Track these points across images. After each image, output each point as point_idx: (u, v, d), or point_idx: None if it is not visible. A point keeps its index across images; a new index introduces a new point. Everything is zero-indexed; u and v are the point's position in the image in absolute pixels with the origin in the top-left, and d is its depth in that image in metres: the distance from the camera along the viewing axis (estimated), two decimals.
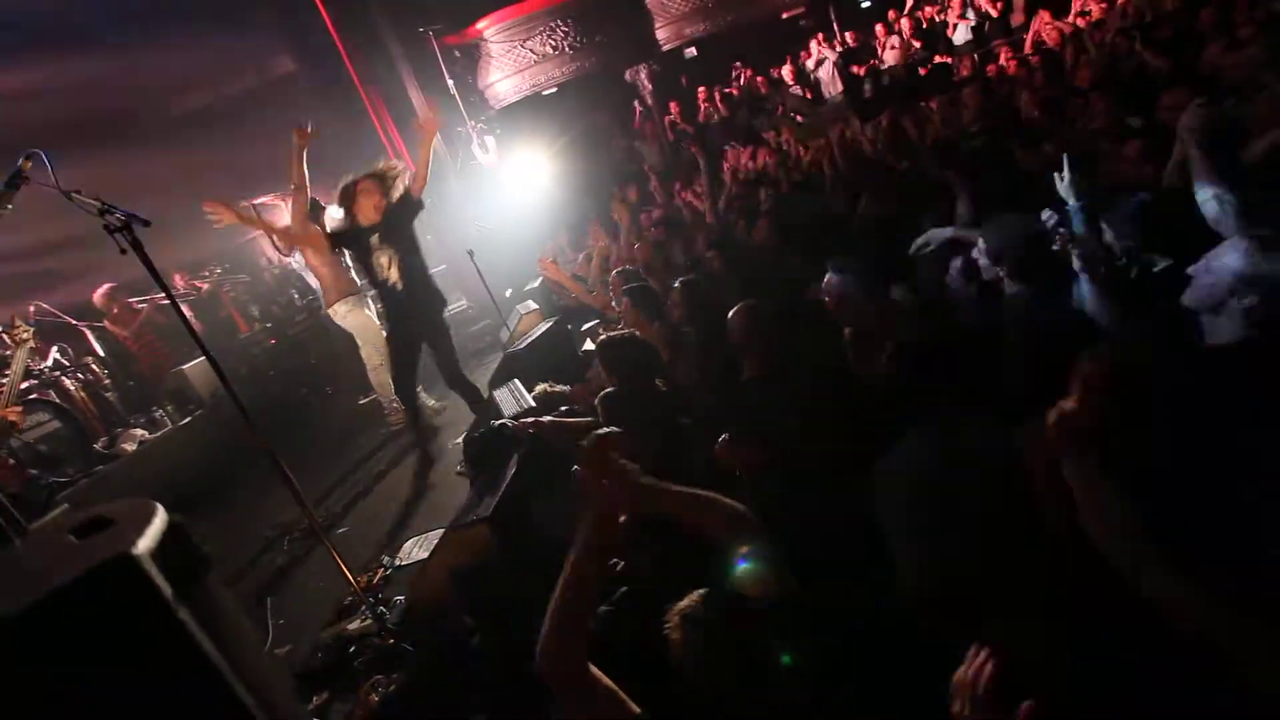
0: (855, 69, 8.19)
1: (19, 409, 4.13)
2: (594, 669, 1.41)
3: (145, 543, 0.87)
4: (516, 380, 4.18)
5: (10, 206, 2.69)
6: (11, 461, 3.85)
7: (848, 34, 9.99)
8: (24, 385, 4.31)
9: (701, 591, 1.42)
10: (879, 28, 9.43)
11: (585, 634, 1.45)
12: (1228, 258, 1.80)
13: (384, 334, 5.48)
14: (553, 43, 10.33)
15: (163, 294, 2.88)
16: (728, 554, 1.43)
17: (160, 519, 0.97)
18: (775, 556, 1.38)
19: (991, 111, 4.37)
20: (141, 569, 0.83)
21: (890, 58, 8.74)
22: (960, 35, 8.44)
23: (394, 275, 4.73)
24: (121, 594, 0.83)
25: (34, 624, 0.78)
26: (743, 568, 1.39)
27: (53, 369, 5.67)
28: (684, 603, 1.40)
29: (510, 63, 10.38)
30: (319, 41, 9.36)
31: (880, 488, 1.55)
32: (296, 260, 9.07)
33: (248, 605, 3.87)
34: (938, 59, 7.41)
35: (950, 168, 3.37)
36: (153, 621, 0.84)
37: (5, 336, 4.22)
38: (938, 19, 8.88)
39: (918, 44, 8.75)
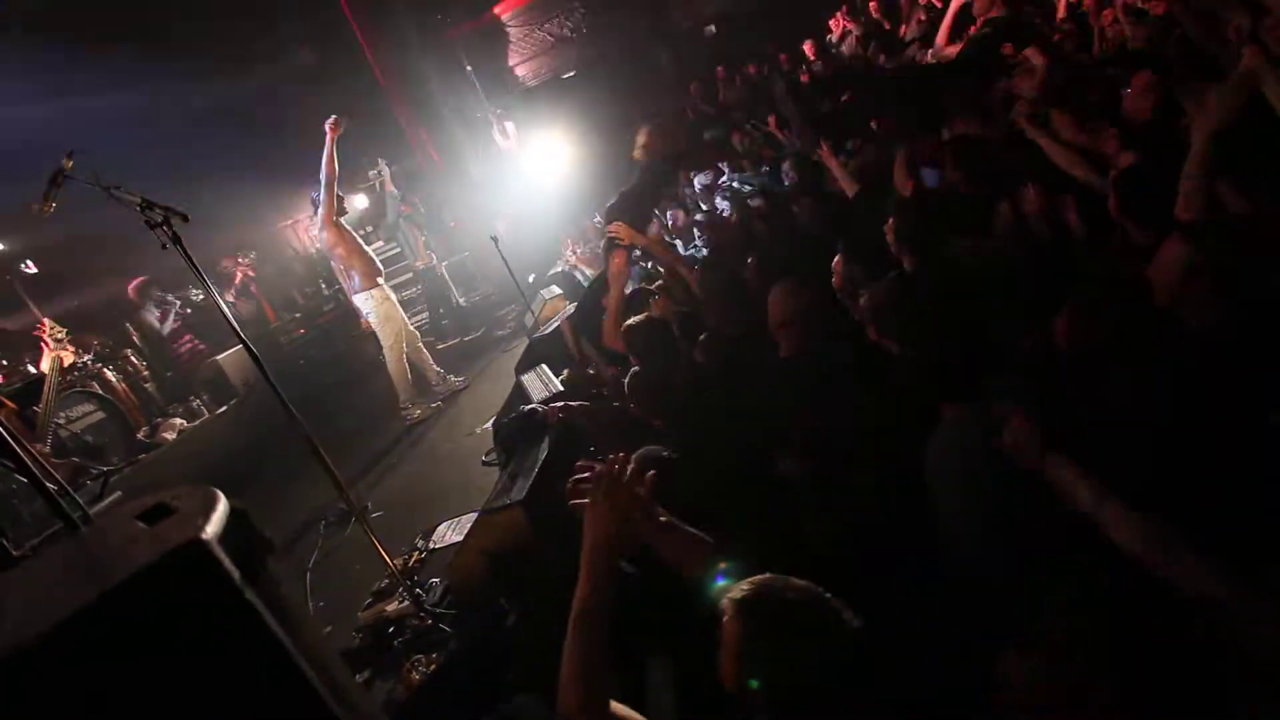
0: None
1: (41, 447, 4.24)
2: (616, 706, 1.41)
3: (213, 528, 0.90)
4: (544, 365, 4.22)
5: (54, 205, 2.76)
6: (58, 460, 3.98)
7: (871, 4, 9.72)
8: (62, 381, 4.43)
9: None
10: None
11: (604, 674, 1.42)
12: None
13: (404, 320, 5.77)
14: (570, 25, 10.25)
15: (200, 290, 2.94)
16: (707, 571, 1.44)
17: (223, 505, 1.00)
18: (750, 574, 1.33)
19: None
20: (212, 553, 0.86)
21: (913, 31, 8.50)
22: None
23: None
24: (194, 578, 0.86)
25: (115, 608, 0.81)
26: (720, 584, 1.41)
27: (95, 360, 5.84)
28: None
29: (528, 47, 10.33)
30: (339, 30, 9.40)
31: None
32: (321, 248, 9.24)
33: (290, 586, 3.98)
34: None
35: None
36: (223, 604, 0.88)
37: (44, 339, 4.32)
38: None
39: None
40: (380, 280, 5.78)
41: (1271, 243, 1.83)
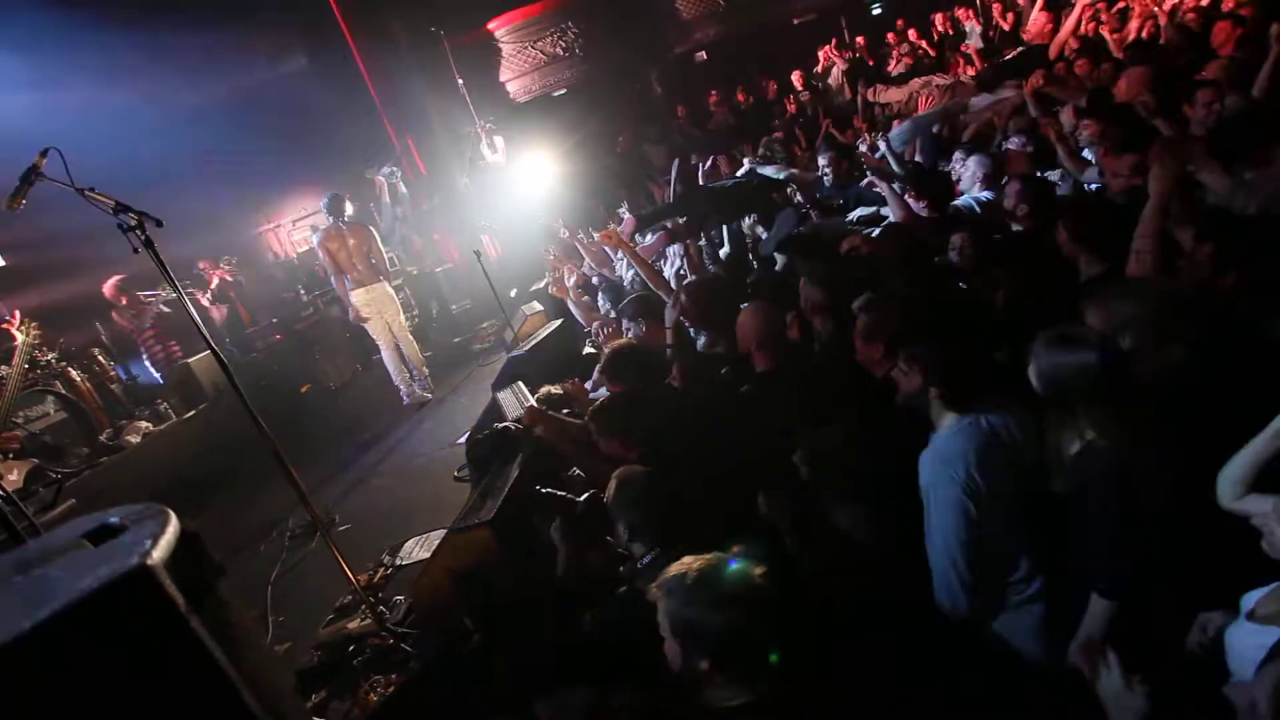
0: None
1: (16, 435, 4.13)
2: None
3: (160, 552, 0.88)
4: (520, 383, 4.20)
5: (25, 202, 2.71)
6: (14, 462, 3.85)
7: (859, 39, 9.97)
8: (24, 379, 4.31)
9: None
10: (890, 36, 9.43)
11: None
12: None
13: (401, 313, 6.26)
14: (563, 44, 10.36)
15: (173, 289, 2.89)
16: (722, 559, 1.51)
17: (173, 527, 0.97)
18: (762, 559, 1.47)
19: None
20: (158, 580, 0.84)
21: (901, 67, 8.74)
22: (972, 41, 8.43)
23: None
24: (137, 605, 0.84)
25: (51, 637, 0.79)
26: (734, 567, 1.48)
27: (58, 359, 5.69)
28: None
29: (520, 63, 10.42)
30: (330, 38, 9.40)
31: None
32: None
33: (250, 600, 3.89)
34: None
35: None
36: (167, 633, 0.85)
37: (12, 331, 4.22)
38: (948, 31, 8.86)
39: (933, 53, 8.74)
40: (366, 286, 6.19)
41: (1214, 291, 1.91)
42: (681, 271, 4.35)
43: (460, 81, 9.33)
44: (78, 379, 5.71)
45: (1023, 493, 1.86)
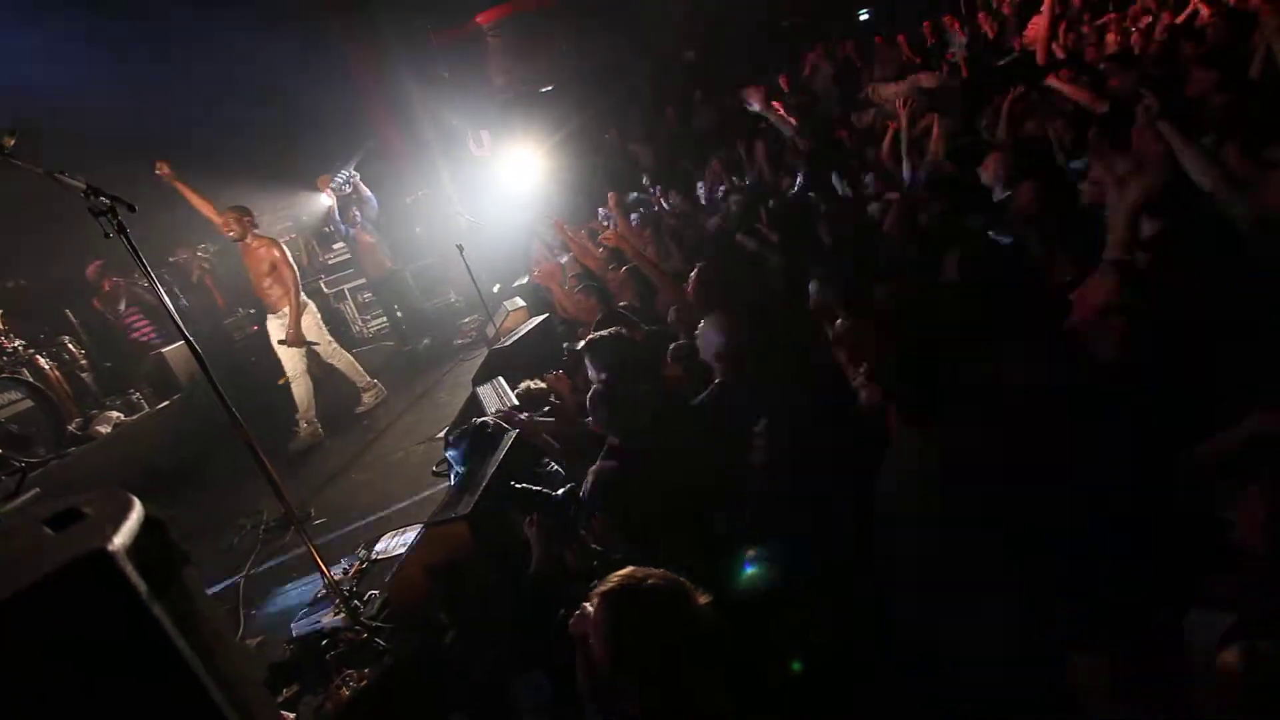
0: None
1: None
2: None
3: (121, 538, 0.86)
4: (500, 378, 4.18)
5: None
6: None
7: (847, 44, 10.05)
8: None
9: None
10: (877, 39, 9.51)
11: None
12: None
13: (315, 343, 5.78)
14: (551, 40, 10.33)
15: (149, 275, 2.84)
16: (735, 559, 1.51)
17: (137, 513, 0.96)
18: (777, 562, 1.44)
19: None
20: (118, 565, 0.83)
21: (887, 73, 8.82)
22: (956, 49, 8.53)
23: None
24: (97, 590, 0.82)
25: (8, 620, 0.77)
26: (750, 572, 1.49)
27: (26, 346, 5.56)
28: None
29: (508, 58, 10.36)
30: (316, 28, 9.27)
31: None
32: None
33: (221, 593, 3.84)
34: None
35: None
36: (127, 619, 0.84)
37: None
38: (933, 39, 8.95)
39: (918, 59, 8.82)
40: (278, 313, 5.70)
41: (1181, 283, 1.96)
42: None
43: (446, 75, 9.27)
44: (46, 367, 5.59)
45: (995, 506, 1.89)
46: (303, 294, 5.68)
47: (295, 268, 5.59)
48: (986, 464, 1.89)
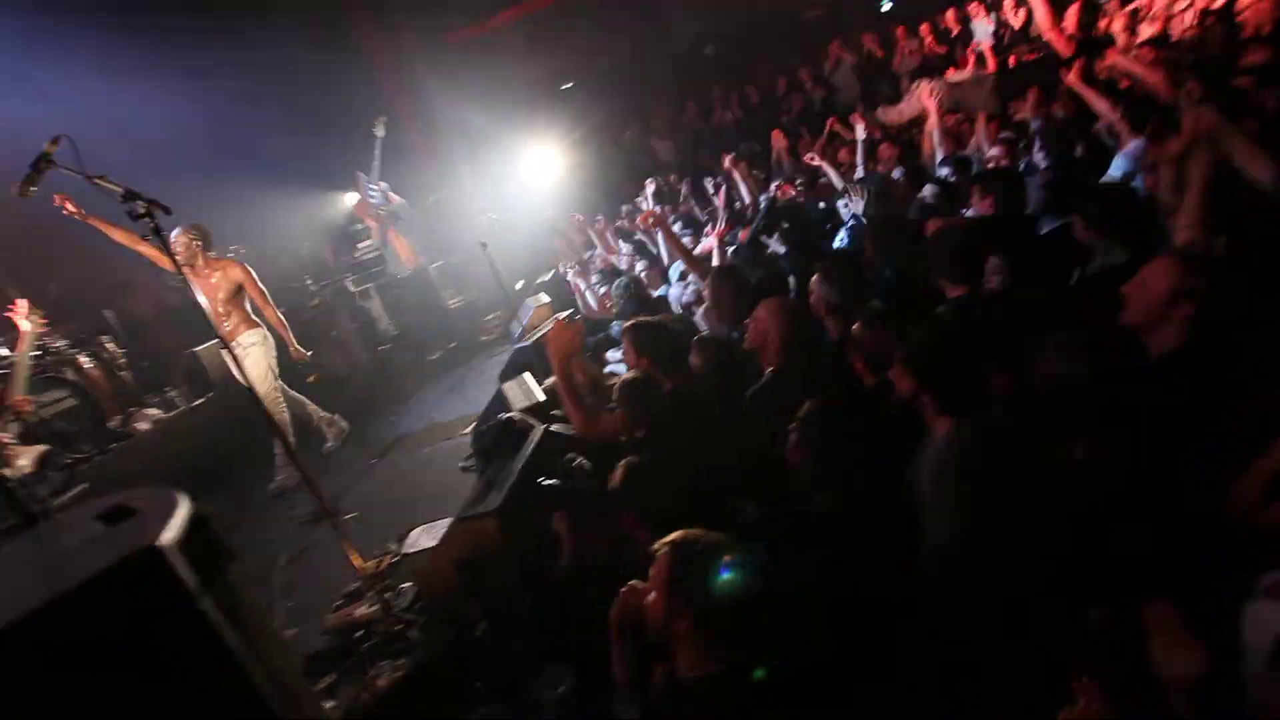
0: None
1: (29, 399, 4.17)
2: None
3: (171, 534, 0.89)
4: (527, 374, 4.21)
5: (35, 188, 2.73)
6: (25, 446, 3.88)
7: (866, 36, 9.90)
8: (34, 365, 4.35)
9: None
10: (899, 31, 9.35)
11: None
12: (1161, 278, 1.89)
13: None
14: (571, 36, 10.34)
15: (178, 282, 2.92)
16: (712, 564, 1.55)
17: (184, 509, 0.99)
18: (752, 568, 1.53)
19: None
20: (168, 561, 0.86)
21: (909, 64, 8.67)
22: (981, 36, 8.34)
23: None
24: (148, 585, 0.85)
25: (66, 613, 0.80)
26: (725, 576, 1.53)
27: (69, 346, 5.74)
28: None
29: (528, 55, 10.40)
30: (337, 29, 9.39)
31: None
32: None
33: (257, 587, 3.93)
34: None
35: None
36: (177, 612, 0.87)
37: (15, 317, 4.25)
38: (954, 29, 8.76)
39: (940, 49, 8.66)
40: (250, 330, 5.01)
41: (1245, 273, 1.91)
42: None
43: (468, 74, 9.32)
44: (88, 366, 5.76)
45: (1027, 495, 1.86)
46: (259, 328, 5.00)
47: (261, 286, 4.95)
48: (1025, 456, 1.87)
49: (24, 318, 4.16)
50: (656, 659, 1.64)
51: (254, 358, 4.88)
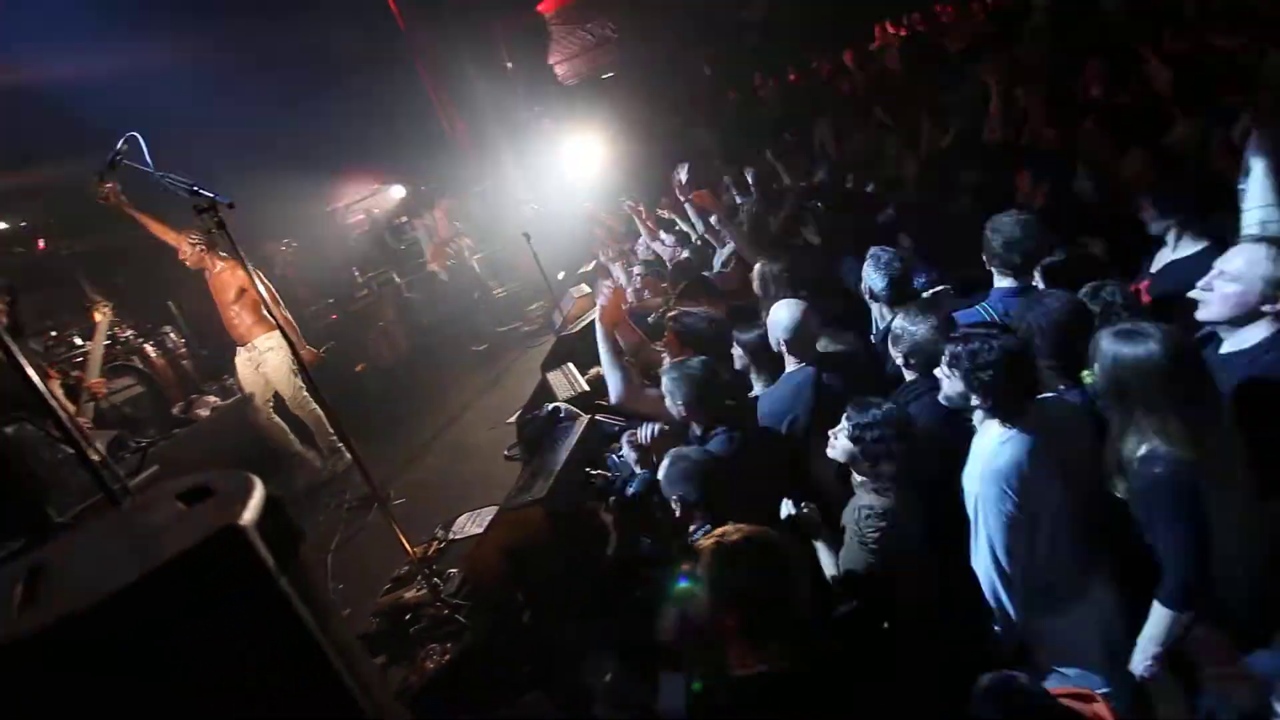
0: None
1: (102, 380, 4.40)
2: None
3: (250, 514, 0.92)
4: (570, 364, 4.24)
5: (109, 185, 2.85)
6: (98, 430, 4.09)
7: (915, 15, 9.57)
8: (107, 353, 4.58)
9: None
10: (949, 9, 9.01)
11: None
12: (1257, 267, 1.74)
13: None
14: (611, 26, 10.31)
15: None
16: (672, 575, 1.55)
17: (260, 491, 1.02)
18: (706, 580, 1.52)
19: None
20: (249, 540, 0.89)
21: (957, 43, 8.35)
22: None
23: None
24: (231, 563, 0.88)
25: (157, 587, 0.84)
26: (682, 586, 1.53)
27: (136, 336, 6.01)
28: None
29: (569, 46, 10.41)
30: (382, 21, 9.53)
31: None
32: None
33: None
34: None
35: None
36: (258, 591, 0.90)
37: (93, 314, 4.49)
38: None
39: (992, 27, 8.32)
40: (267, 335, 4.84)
41: None
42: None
43: (509, 65, 9.39)
44: (153, 355, 6.03)
45: (1078, 500, 1.79)
46: (275, 331, 4.61)
47: (264, 286, 4.40)
48: (1088, 460, 1.79)
49: (98, 310, 4.38)
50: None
51: (274, 362, 4.80)
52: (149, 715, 0.90)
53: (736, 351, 2.73)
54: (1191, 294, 1.87)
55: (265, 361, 4.81)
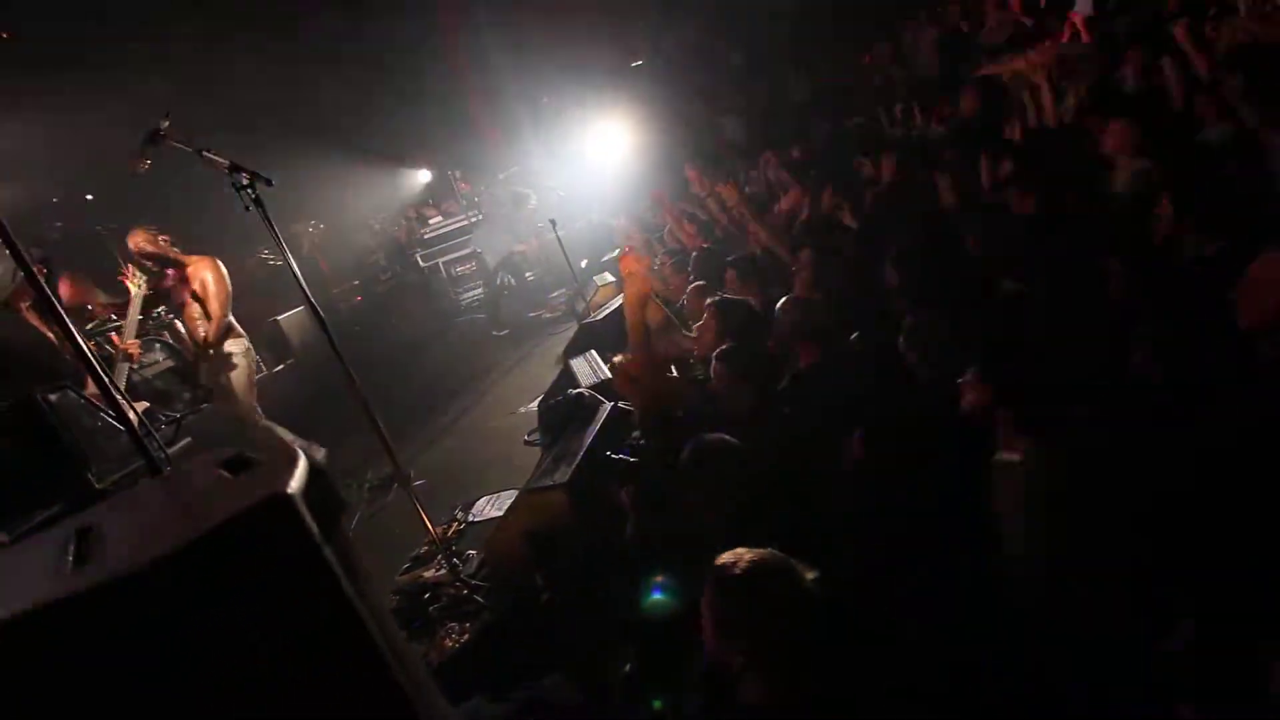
0: None
1: (137, 342, 4.51)
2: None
3: (296, 484, 0.93)
4: (593, 351, 4.25)
5: (150, 161, 2.89)
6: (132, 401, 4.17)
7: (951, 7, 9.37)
8: (140, 325, 4.66)
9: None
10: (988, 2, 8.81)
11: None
12: None
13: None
14: (637, 14, 10.23)
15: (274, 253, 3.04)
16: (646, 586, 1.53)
17: (304, 461, 1.03)
18: (680, 591, 1.53)
19: None
20: (297, 509, 0.90)
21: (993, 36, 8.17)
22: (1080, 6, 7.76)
23: None
24: (279, 531, 0.89)
25: (209, 551, 0.85)
26: (655, 598, 1.51)
27: (166, 312, 6.10)
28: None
29: (598, 33, 10.33)
30: (408, 8, 9.52)
31: None
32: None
33: None
34: None
35: None
36: (303, 560, 0.91)
37: (126, 282, 4.58)
38: None
39: (1027, 20, 8.12)
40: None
41: None
42: None
43: (537, 52, 9.36)
44: (183, 330, 6.12)
45: (1120, 519, 1.75)
46: (241, 338, 4.74)
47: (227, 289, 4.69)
48: (1121, 478, 1.75)
49: (132, 281, 4.47)
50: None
51: (239, 370, 4.69)
52: (193, 675, 0.92)
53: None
54: None
55: (232, 369, 4.72)
